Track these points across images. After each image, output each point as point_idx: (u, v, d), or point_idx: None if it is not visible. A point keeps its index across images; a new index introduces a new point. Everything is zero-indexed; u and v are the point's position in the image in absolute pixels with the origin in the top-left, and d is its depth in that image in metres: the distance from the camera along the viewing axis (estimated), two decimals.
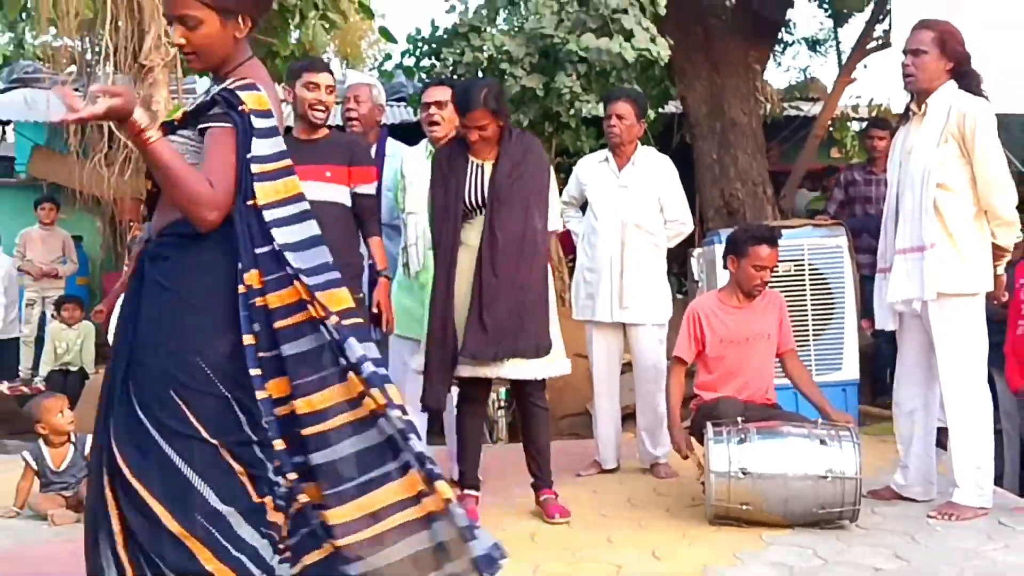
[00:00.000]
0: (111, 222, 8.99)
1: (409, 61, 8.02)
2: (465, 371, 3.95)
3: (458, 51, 7.46)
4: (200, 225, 2.21)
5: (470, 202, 3.97)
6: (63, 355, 8.03)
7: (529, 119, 7.54)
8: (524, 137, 4.17)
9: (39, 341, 8.56)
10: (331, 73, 4.28)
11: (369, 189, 4.30)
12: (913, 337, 4.06)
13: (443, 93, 4.56)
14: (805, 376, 4.46)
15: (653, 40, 6.99)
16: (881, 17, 10.10)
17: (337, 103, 4.72)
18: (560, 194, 4.81)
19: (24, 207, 9.58)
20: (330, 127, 4.31)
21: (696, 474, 4.20)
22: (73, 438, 4.38)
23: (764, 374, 4.38)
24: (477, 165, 4.00)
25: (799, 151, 10.50)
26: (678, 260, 7.54)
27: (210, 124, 2.26)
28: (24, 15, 10.31)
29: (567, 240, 6.59)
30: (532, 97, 7.42)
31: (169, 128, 2.33)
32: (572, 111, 7.20)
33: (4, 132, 12.63)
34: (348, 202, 4.17)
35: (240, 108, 2.25)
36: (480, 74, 7.27)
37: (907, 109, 4.10)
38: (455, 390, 4.21)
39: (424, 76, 7.93)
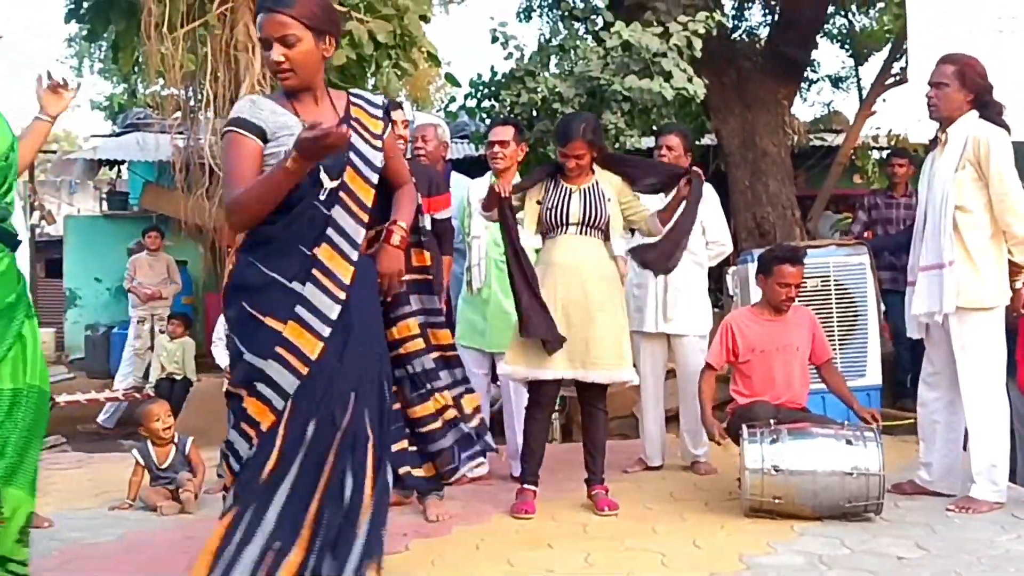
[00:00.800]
0: (212, 248, 9.17)
1: (471, 103, 8.10)
2: (546, 374, 3.96)
3: (515, 93, 7.51)
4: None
5: (552, 220, 4.02)
6: (168, 366, 8.20)
7: None
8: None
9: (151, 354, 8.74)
10: (402, 109, 4.31)
11: (446, 214, 4.33)
12: (939, 344, 3.99)
13: (506, 133, 4.61)
14: (840, 382, 4.38)
15: (690, 80, 6.98)
16: (898, 56, 9.98)
17: (408, 141, 4.78)
18: None
19: (136, 236, 9.82)
20: (408, 159, 4.30)
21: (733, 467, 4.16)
22: (175, 439, 4.44)
23: (793, 382, 4.31)
24: (566, 189, 4.06)
25: (824, 177, 10.39)
26: (714, 277, 7.50)
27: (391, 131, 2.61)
28: (136, 68, 10.62)
29: None
30: None
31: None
32: (617, 144, 7.20)
33: (120, 171, 12.96)
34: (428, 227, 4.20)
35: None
36: (535, 113, 7.33)
37: (935, 137, 4.04)
38: (524, 394, 4.22)
39: (485, 116, 8.00)
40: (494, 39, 7.94)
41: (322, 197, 2.38)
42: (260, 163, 2.38)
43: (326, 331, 2.33)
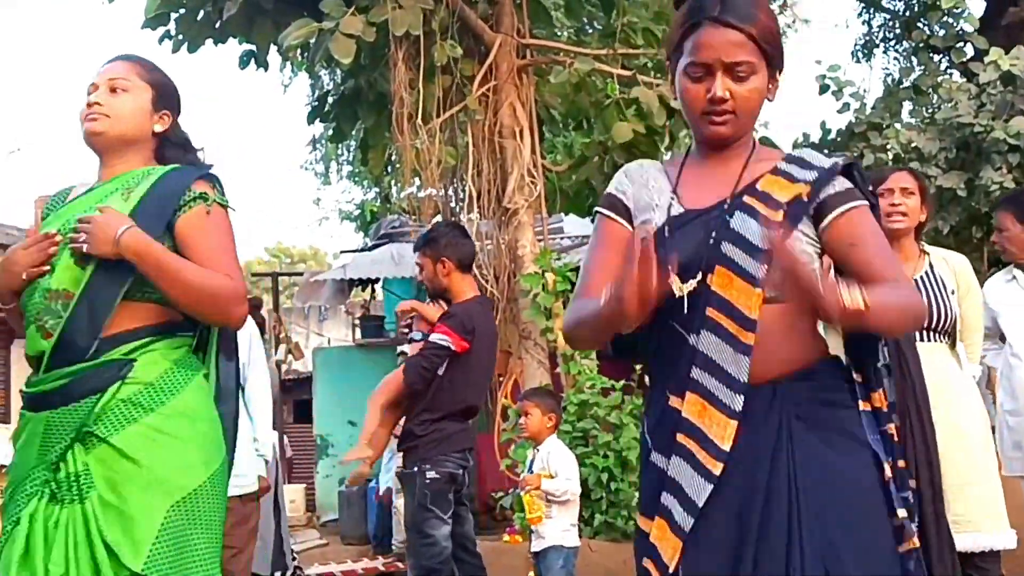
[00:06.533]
0: None
1: None
2: None
3: (856, 153, 7.41)
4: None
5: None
6: None
7: (951, 225, 7.27)
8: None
9: None
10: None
11: None
12: None
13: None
14: None
15: None
16: None
17: None
18: None
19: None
20: None
21: None
22: None
23: None
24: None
25: None
26: None
27: (846, 207, 2.09)
28: (388, 168, 11.54)
29: None
30: (952, 199, 7.17)
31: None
32: None
33: (374, 291, 13.97)
34: None
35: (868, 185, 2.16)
36: None
37: None
38: None
39: None
40: (823, 89, 7.90)
41: (683, 313, 2.07)
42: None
43: (687, 523, 2.02)
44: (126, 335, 2.50)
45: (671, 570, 2.02)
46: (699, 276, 2.05)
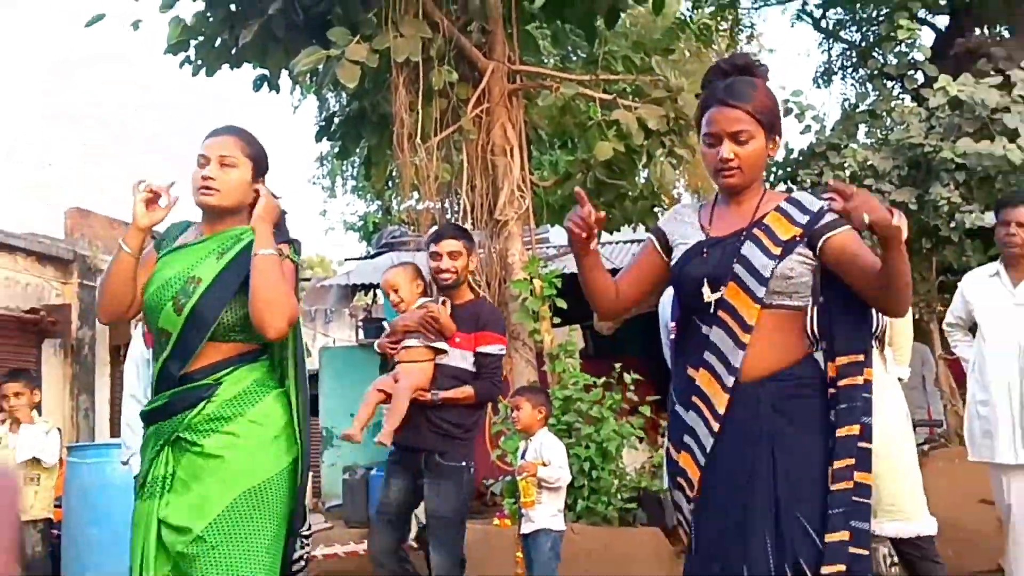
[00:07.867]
0: None
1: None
2: None
3: (815, 171, 7.51)
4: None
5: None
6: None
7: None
8: None
9: None
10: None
11: None
12: None
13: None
14: None
15: None
16: None
17: None
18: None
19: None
20: None
21: None
22: None
23: None
24: None
25: None
26: None
27: (838, 231, 2.56)
28: (389, 183, 11.62)
29: (957, 369, 6.28)
30: (904, 212, 7.27)
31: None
32: (953, 224, 6.96)
33: (375, 295, 14.03)
34: None
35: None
36: None
37: None
38: None
39: None
40: (787, 112, 8.00)
41: (707, 311, 2.63)
42: (652, 271, 2.81)
43: (702, 460, 2.63)
44: (210, 367, 2.91)
45: (695, 488, 2.64)
46: (721, 288, 2.59)
